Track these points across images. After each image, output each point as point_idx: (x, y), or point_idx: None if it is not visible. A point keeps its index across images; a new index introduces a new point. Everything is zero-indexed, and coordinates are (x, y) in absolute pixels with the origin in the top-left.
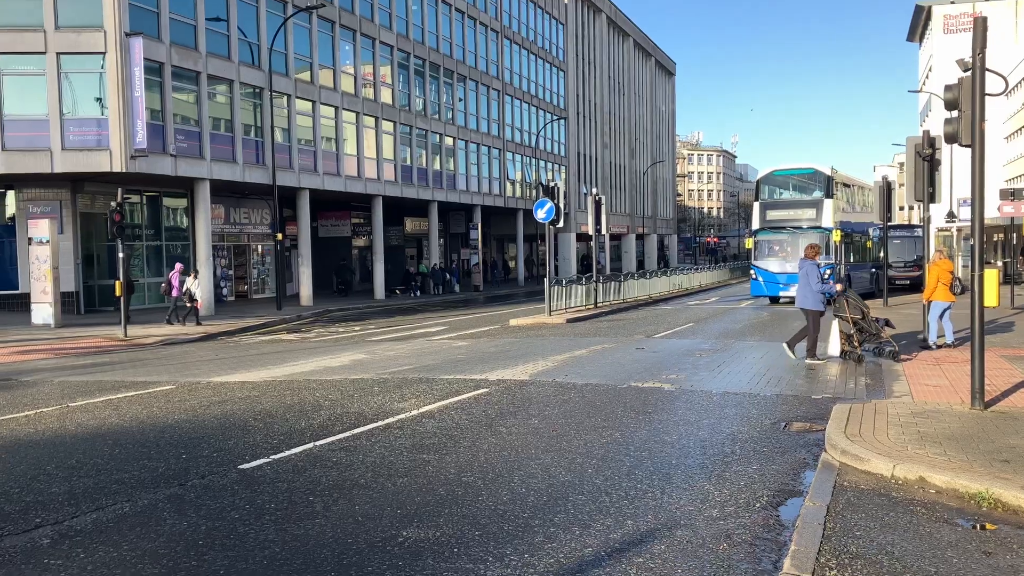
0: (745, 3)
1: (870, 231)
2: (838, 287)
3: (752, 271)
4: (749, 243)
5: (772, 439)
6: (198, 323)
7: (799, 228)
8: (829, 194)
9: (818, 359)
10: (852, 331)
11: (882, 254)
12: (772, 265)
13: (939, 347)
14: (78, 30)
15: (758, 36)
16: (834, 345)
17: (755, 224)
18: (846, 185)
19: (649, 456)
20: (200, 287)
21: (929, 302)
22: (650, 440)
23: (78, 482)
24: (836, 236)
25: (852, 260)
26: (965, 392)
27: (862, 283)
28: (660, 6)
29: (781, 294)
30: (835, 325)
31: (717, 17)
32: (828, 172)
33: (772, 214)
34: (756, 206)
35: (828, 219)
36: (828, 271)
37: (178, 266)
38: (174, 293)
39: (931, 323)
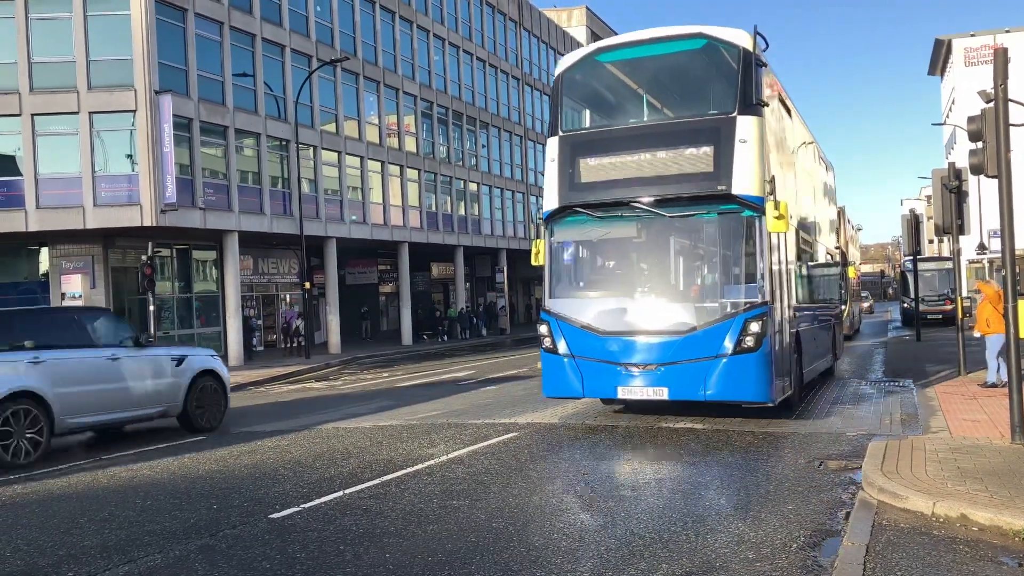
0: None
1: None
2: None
3: (544, 324)
4: (537, 252)
5: (807, 478)
6: (307, 356)
7: (669, 203)
8: (749, 105)
9: None
10: None
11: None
12: (597, 312)
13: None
14: (110, 89)
15: (779, 74)
16: None
17: (551, 197)
18: (784, 105)
19: (682, 497)
20: (303, 325)
21: (983, 336)
22: (682, 480)
23: (110, 535)
24: (778, 221)
25: (798, 299)
26: (1004, 426)
27: (819, 347)
28: None
29: (628, 392)
30: None
31: None
32: (742, 43)
33: (595, 165)
34: (552, 146)
35: (748, 174)
36: (756, 325)
37: (290, 312)
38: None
39: (989, 361)
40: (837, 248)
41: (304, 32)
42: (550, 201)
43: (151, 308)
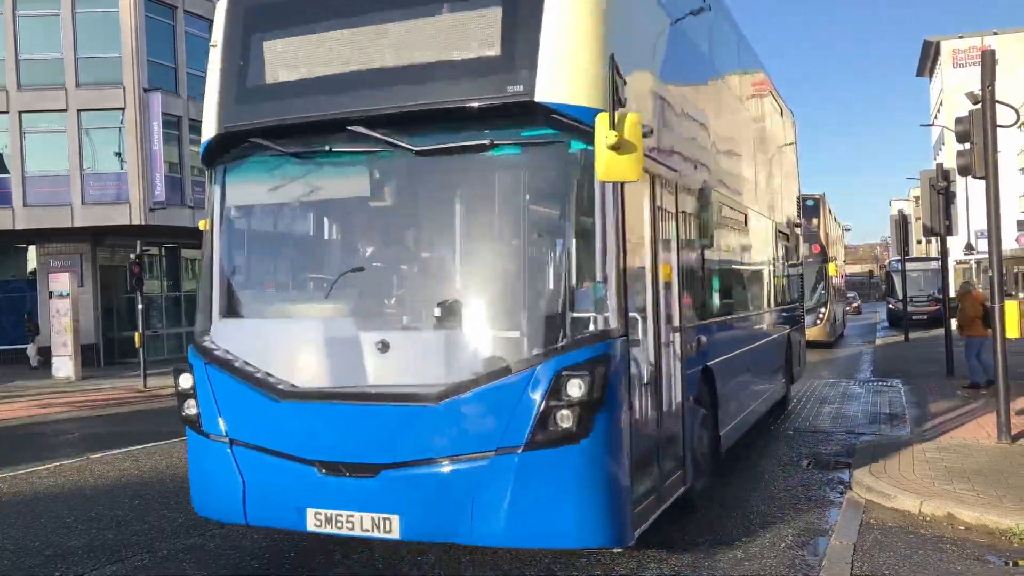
0: (754, 42)
1: None
2: None
3: (187, 375)
4: (204, 229)
5: (796, 477)
6: None
7: (423, 123)
8: None
9: None
10: None
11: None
12: (278, 352)
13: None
14: (99, 87)
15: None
16: None
17: (210, 117)
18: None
19: None
20: None
21: (969, 338)
22: None
23: (98, 534)
24: (619, 158)
25: (710, 309)
26: (991, 426)
27: (759, 379)
28: None
29: (323, 519)
30: None
31: None
32: None
33: (288, 51)
34: (218, 18)
35: (572, 60)
36: (579, 382)
37: None
38: None
39: (970, 361)
40: (795, 225)
41: None
42: (208, 125)
43: (139, 307)
